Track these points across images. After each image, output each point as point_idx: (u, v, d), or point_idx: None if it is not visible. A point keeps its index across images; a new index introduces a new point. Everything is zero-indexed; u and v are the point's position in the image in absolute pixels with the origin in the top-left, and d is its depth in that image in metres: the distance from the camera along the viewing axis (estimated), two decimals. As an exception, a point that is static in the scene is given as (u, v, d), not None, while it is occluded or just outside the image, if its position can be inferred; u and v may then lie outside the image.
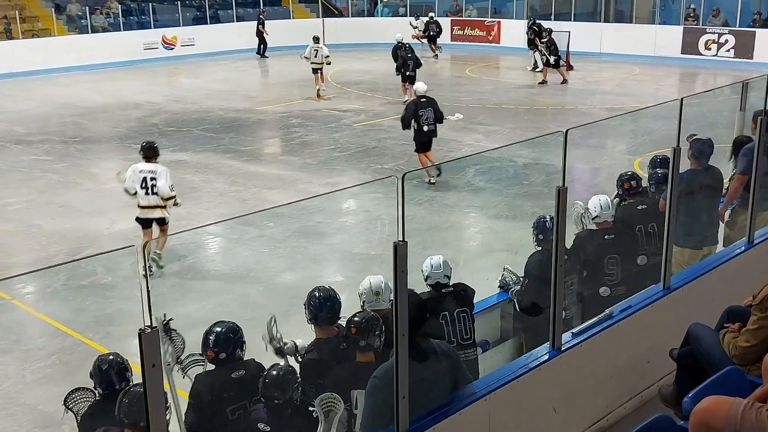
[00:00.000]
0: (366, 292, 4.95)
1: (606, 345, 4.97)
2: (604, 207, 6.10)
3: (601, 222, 6.11)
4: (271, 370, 4.28)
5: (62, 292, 8.41)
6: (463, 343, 5.17)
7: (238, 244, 9.90)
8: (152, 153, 8.90)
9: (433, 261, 5.26)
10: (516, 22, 27.88)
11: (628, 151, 14.12)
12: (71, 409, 4.42)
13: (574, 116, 16.82)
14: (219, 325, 4.52)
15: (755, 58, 23.15)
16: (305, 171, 13.09)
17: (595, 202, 6.13)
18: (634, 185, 6.46)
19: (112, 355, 4.45)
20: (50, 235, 10.19)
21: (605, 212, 6.10)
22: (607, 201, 6.16)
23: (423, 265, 5.27)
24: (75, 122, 17.55)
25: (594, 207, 6.11)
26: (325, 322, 4.74)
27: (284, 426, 4.11)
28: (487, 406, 4.20)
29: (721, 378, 3.91)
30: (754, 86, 8.06)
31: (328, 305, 4.74)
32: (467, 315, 5.23)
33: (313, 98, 19.29)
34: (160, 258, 8.76)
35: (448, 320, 5.15)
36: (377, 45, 27.64)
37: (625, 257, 6.07)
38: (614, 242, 6.07)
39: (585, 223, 6.30)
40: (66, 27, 26.47)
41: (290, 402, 4.17)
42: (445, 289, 5.25)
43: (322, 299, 4.75)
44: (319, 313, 4.72)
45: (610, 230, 6.12)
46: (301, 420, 4.13)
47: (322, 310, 4.72)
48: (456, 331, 5.16)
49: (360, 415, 4.17)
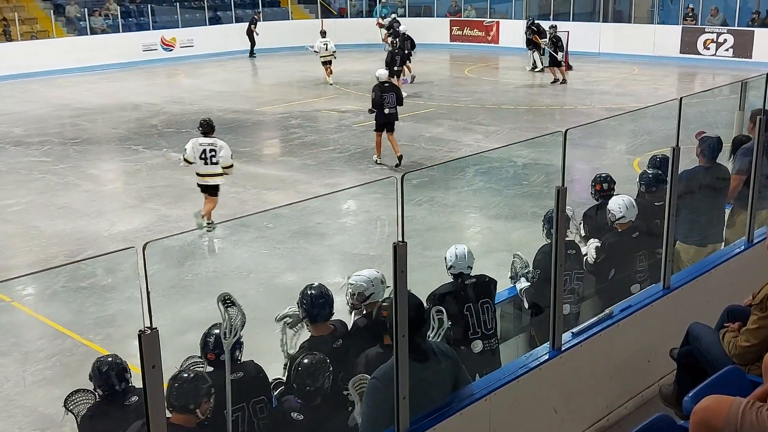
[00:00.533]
0: (373, 282, 4.87)
1: (606, 345, 4.97)
2: (629, 207, 6.04)
3: (626, 222, 6.05)
4: (302, 358, 4.27)
5: (62, 293, 8.40)
6: (486, 333, 5.24)
7: (238, 245, 9.89)
8: (210, 128, 10.17)
9: (458, 251, 5.28)
10: (515, 22, 27.89)
11: (627, 151, 14.12)
12: (71, 411, 4.42)
13: (573, 116, 16.83)
14: (217, 327, 4.51)
15: (754, 57, 23.16)
16: (305, 172, 13.09)
17: (618, 203, 6.07)
18: (605, 188, 6.46)
19: (111, 357, 4.45)
20: (50, 236, 10.19)
21: (630, 212, 6.04)
22: (631, 201, 6.11)
23: (447, 255, 5.31)
24: (74, 124, 17.55)
25: (618, 208, 6.04)
26: (320, 319, 4.72)
27: (317, 413, 4.14)
28: (488, 406, 4.20)
29: (722, 377, 3.91)
30: (753, 85, 8.08)
31: (321, 302, 4.71)
32: (490, 305, 5.29)
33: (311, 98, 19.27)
34: (205, 220, 10.07)
35: (472, 311, 5.21)
36: (376, 46, 27.64)
37: (649, 252, 6.05)
38: (640, 239, 6.05)
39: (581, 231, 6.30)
40: (65, 29, 26.48)
41: (321, 389, 4.20)
42: (468, 279, 5.29)
43: (315, 297, 4.71)
44: (313, 311, 4.70)
45: (634, 228, 6.08)
46: (334, 406, 4.19)
47: (315, 308, 4.69)
48: (480, 321, 5.23)
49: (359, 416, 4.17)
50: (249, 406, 4.35)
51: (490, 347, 5.24)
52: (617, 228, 6.10)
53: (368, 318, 4.82)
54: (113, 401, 4.31)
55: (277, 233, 10.08)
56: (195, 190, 11.58)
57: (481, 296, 5.28)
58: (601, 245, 6.05)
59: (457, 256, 5.27)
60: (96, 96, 20.75)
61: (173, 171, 13.20)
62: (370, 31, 28.80)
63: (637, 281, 6.01)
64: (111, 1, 27.51)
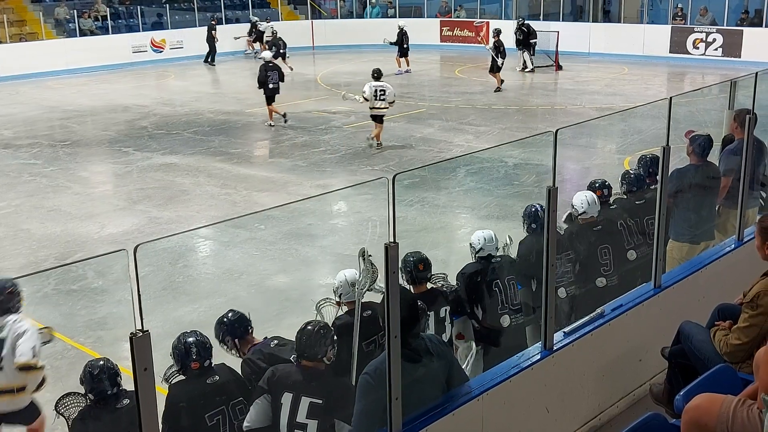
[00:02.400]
0: (342, 284, 5.06)
1: (598, 344, 4.98)
2: (590, 203, 6.16)
3: (587, 218, 6.17)
4: (307, 325, 4.34)
5: (52, 296, 8.36)
6: (513, 309, 5.54)
7: (229, 247, 9.88)
8: (380, 75, 14.48)
9: (485, 234, 5.59)
10: (505, 22, 27.93)
11: (617, 151, 14.16)
12: (62, 414, 4.41)
13: (563, 116, 16.87)
14: (190, 335, 4.48)
15: (743, 56, 23.26)
16: (296, 173, 13.08)
17: (581, 198, 6.19)
18: (606, 193, 6.53)
19: (102, 360, 4.43)
20: (39, 239, 10.14)
21: (592, 208, 6.16)
22: (593, 197, 6.22)
23: (473, 240, 5.61)
24: (63, 126, 17.48)
25: (581, 203, 6.16)
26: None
27: (316, 383, 4.20)
28: (480, 407, 4.20)
29: (713, 376, 3.92)
30: (742, 85, 8.10)
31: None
32: (515, 282, 5.57)
33: (301, 99, 19.25)
34: (375, 141, 14.32)
35: (501, 287, 5.51)
36: (366, 47, 27.66)
37: (615, 248, 6.14)
38: (603, 233, 6.15)
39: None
40: (54, 31, 26.35)
41: (323, 360, 4.28)
42: (494, 259, 5.61)
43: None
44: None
45: (596, 223, 6.19)
46: (335, 379, 4.30)
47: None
48: (508, 297, 5.53)
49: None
50: (229, 409, 4.35)
51: (517, 321, 5.55)
52: (579, 221, 6.21)
53: (350, 315, 4.94)
54: (105, 405, 4.29)
55: (269, 235, 10.07)
56: (185, 192, 11.60)
57: (507, 274, 5.57)
58: (564, 231, 6.17)
59: (485, 239, 5.57)
60: (86, 98, 20.68)
61: (164, 173, 13.17)
62: (360, 33, 28.84)
63: (602, 275, 6.07)
64: (100, 3, 27.41)
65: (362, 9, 31.95)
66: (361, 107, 15.17)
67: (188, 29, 28.17)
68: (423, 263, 5.30)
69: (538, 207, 5.76)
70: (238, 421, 4.33)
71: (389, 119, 14.99)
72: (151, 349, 2.94)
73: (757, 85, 6.32)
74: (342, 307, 5.12)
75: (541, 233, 4.69)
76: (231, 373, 4.50)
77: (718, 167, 6.89)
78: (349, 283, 5.01)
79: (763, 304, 4.27)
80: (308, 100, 19.84)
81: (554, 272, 4.66)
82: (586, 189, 6.63)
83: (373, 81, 14.26)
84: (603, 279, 6.05)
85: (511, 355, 4.67)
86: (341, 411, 4.11)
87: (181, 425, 4.30)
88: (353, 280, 4.98)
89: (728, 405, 3.36)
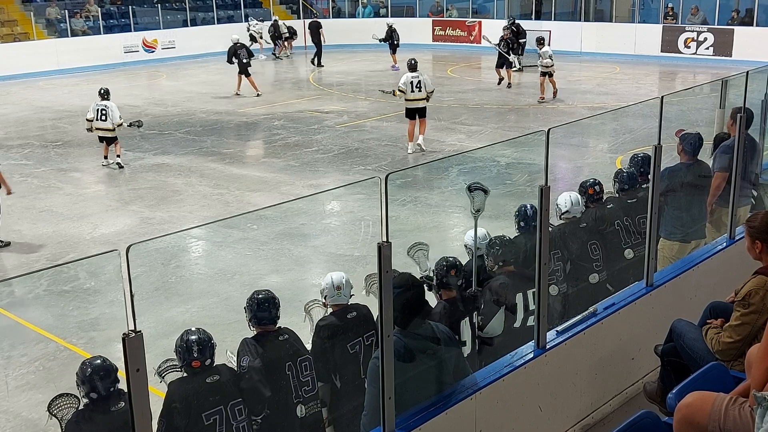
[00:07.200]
0: (327, 287, 5.05)
1: (590, 343, 4.99)
2: (574, 203, 6.20)
3: (570, 217, 6.20)
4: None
5: (44, 297, 8.34)
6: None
7: (222, 247, 9.86)
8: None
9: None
10: (497, 22, 27.96)
11: (609, 150, 14.19)
12: (55, 416, 4.37)
13: (555, 115, 16.89)
14: (193, 333, 4.47)
15: (734, 55, 23.35)
16: (288, 173, 13.07)
17: (566, 198, 6.22)
18: (598, 190, 6.55)
19: (99, 359, 4.38)
20: (31, 240, 10.11)
21: (575, 208, 6.20)
22: (578, 197, 6.26)
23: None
24: (55, 126, 17.43)
25: (565, 202, 6.19)
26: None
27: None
28: (473, 405, 4.21)
29: (705, 374, 3.94)
30: (733, 83, 8.13)
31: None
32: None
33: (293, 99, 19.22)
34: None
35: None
36: (358, 46, 27.66)
37: (605, 244, 6.16)
38: (591, 230, 6.18)
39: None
40: (45, 31, 26.26)
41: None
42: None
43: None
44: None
45: (582, 221, 6.22)
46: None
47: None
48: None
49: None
50: (227, 409, 4.33)
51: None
52: (563, 220, 6.24)
53: (334, 317, 4.98)
54: (99, 406, 4.25)
55: (261, 235, 10.05)
56: (178, 192, 11.57)
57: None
58: (553, 229, 6.16)
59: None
60: (77, 98, 20.58)
61: (156, 173, 13.14)
62: (352, 32, 28.83)
63: (595, 270, 6.09)
64: (92, 3, 27.32)
65: (354, 9, 31.95)
66: (355, 107, 15.17)
67: (180, 29, 28.13)
68: (455, 269, 5.19)
69: (528, 207, 5.75)
70: (236, 422, 4.32)
71: (382, 119, 14.98)
72: (143, 349, 2.94)
73: (748, 84, 6.35)
74: (327, 308, 5.12)
75: (533, 232, 4.69)
76: (231, 374, 4.48)
77: (708, 165, 6.91)
78: (334, 286, 5.01)
79: (755, 302, 4.28)
80: (301, 99, 19.82)
81: (547, 271, 4.66)
82: (578, 189, 6.66)
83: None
84: (595, 275, 6.06)
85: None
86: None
87: (178, 423, 4.29)
88: (339, 283, 5.00)
89: (720, 403, 3.37)
